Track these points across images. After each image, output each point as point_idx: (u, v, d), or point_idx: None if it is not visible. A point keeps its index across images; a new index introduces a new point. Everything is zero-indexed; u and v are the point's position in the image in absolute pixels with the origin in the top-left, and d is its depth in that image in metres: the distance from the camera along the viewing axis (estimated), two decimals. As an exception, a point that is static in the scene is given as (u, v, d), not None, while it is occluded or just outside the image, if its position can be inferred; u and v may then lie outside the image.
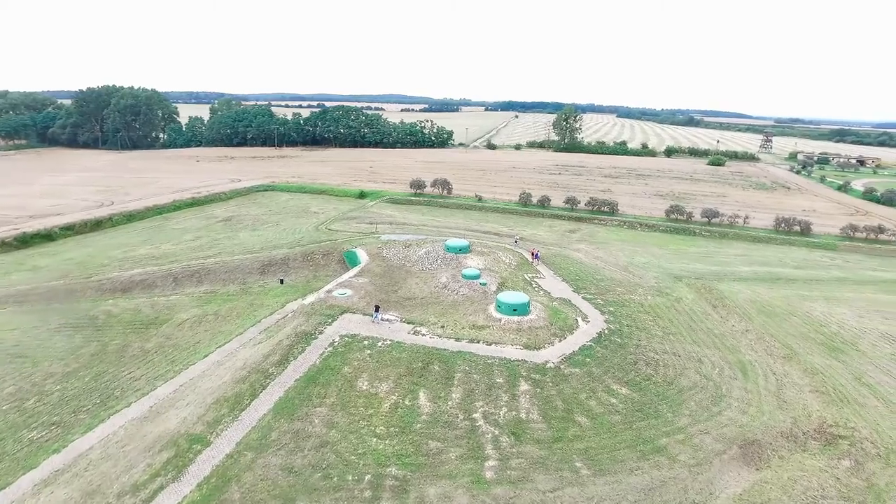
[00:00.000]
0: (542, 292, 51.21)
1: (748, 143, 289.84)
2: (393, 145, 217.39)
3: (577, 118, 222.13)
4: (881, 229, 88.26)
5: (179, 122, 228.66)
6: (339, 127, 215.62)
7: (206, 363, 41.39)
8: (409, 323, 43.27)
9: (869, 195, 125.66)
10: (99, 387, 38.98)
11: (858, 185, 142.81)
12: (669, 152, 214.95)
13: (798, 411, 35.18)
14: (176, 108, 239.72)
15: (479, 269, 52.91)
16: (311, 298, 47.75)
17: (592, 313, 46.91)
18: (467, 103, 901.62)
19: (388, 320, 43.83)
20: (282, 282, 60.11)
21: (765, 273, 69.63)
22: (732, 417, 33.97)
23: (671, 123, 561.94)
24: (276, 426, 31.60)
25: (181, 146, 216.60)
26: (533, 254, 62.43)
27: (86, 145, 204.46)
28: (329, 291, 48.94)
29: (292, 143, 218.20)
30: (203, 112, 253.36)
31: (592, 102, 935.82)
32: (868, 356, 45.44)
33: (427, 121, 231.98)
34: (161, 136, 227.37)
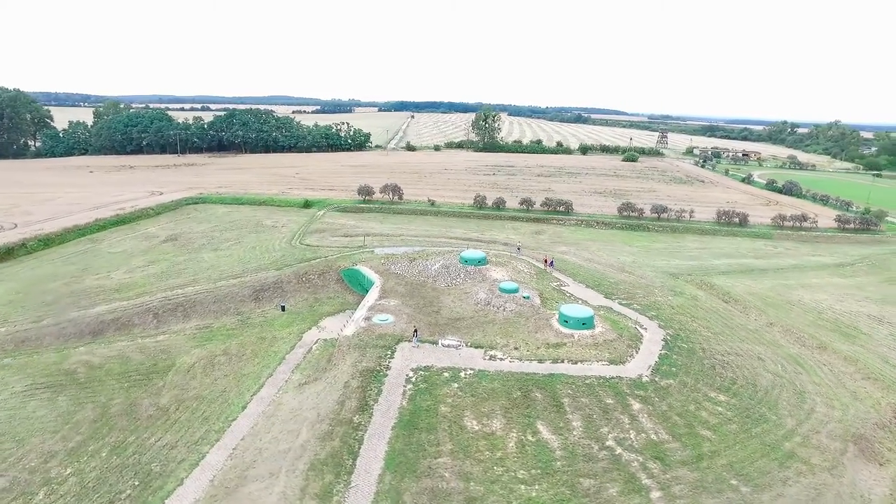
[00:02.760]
0: (580, 302, 50.35)
1: (640, 139, 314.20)
2: (308, 149, 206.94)
3: (496, 118, 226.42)
4: (804, 217, 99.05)
5: (55, 128, 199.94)
6: (249, 131, 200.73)
7: (250, 417, 35.40)
8: (477, 347, 40.18)
9: (771, 186, 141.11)
10: (127, 463, 31.71)
11: (756, 176, 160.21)
12: (584, 150, 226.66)
13: (870, 400, 37.43)
14: (49, 111, 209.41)
15: (515, 282, 50.81)
16: (349, 330, 42.72)
17: (642, 320, 46.92)
18: (358, 104, 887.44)
19: (451, 346, 40.38)
20: (283, 309, 53.72)
21: (737, 265, 74.83)
22: (826, 413, 35.28)
23: (560, 121, 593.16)
24: (403, 488, 27.35)
25: (62, 154, 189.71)
26: (547, 261, 61.53)
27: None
28: (368, 319, 44.19)
29: (196, 150, 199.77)
30: (80, 115, 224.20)
31: (481, 101, 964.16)
32: (875, 339, 50.03)
33: (343, 123, 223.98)
34: (32, 143, 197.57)
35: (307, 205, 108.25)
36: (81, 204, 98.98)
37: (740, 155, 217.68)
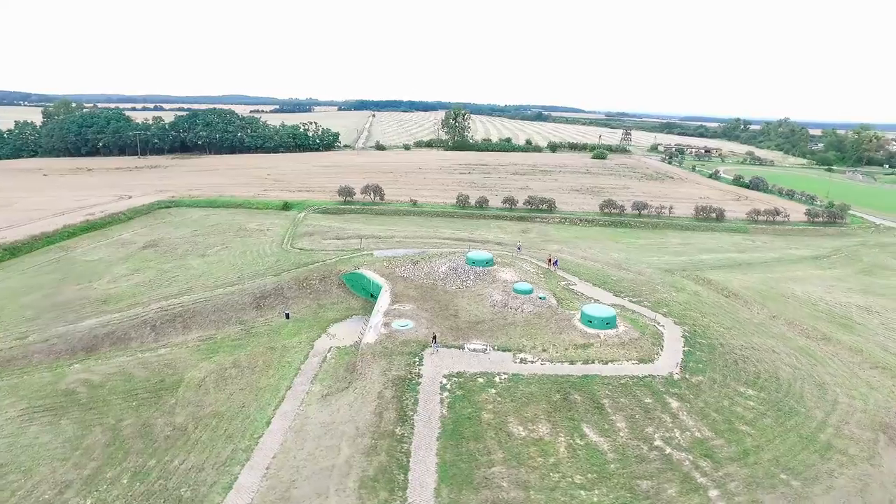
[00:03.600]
0: (592, 301, 50.47)
1: (604, 136, 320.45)
2: (275, 149, 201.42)
3: (465, 117, 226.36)
4: (777, 212, 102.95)
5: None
6: (213, 132, 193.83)
7: (277, 433, 33.80)
8: (504, 350, 39.58)
9: (738, 182, 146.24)
10: (153, 490, 29.68)
11: (722, 172, 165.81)
12: (554, 148, 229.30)
13: (885, 389, 38.88)
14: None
15: (529, 283, 50.46)
16: (370, 337, 41.36)
17: (657, 317, 47.29)
18: (316, 103, 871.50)
19: (477, 350, 39.66)
20: (287, 316, 51.75)
21: (724, 260, 77.00)
22: (850, 404, 36.38)
23: (522, 119, 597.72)
24: (463, 501, 26.50)
25: (7, 157, 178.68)
26: (550, 261, 61.50)
27: None
28: (387, 325, 42.89)
29: (157, 151, 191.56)
30: (24, 115, 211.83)
31: (440, 99, 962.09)
32: (869, 329, 52.22)
33: (310, 122, 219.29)
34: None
35: (286, 207, 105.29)
36: (43, 210, 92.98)
37: (703, 151, 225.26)
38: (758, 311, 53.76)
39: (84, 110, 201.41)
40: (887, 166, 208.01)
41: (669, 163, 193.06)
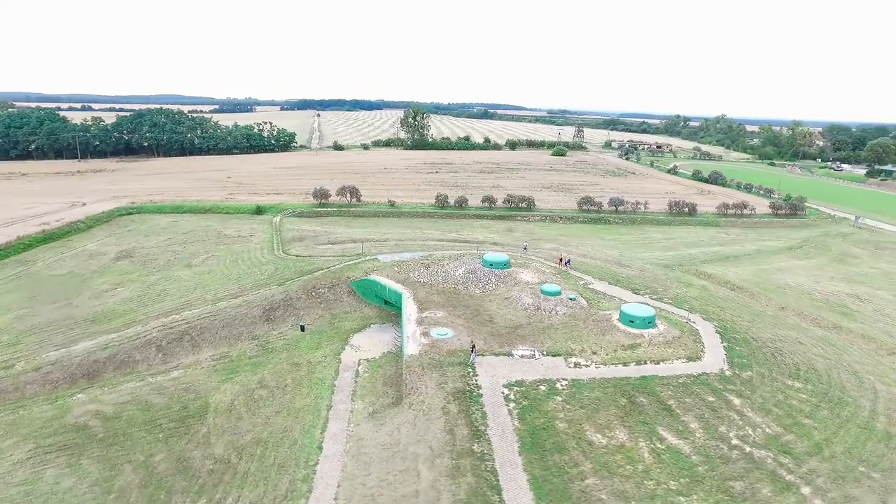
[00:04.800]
0: (616, 299, 50.44)
1: (551, 133, 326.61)
2: (229, 151, 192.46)
3: (425, 116, 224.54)
4: (744, 205, 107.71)
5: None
6: (161, 133, 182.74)
7: (333, 458, 31.38)
8: (554, 355, 38.63)
9: (697, 177, 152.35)
10: (210, 533, 26.73)
11: (680, 167, 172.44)
12: (513, 145, 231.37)
13: (910, 373, 40.76)
14: None
15: (556, 285, 49.75)
16: (412, 348, 39.33)
17: (683, 313, 47.68)
18: (257, 103, 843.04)
19: (526, 356, 38.53)
20: (302, 328, 48.74)
21: (711, 253, 79.48)
22: (887, 390, 37.85)
23: (467, 117, 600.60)
24: (567, 518, 25.32)
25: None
26: (562, 260, 61.13)
27: None
28: (426, 334, 40.98)
29: (99, 154, 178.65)
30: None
31: (383, 98, 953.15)
32: (867, 315, 55.02)
33: (265, 122, 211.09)
34: None
35: (259, 211, 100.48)
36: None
37: (655, 147, 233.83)
38: (766, 304, 55.54)
39: (10, 110, 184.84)
40: (820, 160, 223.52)
41: (627, 159, 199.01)
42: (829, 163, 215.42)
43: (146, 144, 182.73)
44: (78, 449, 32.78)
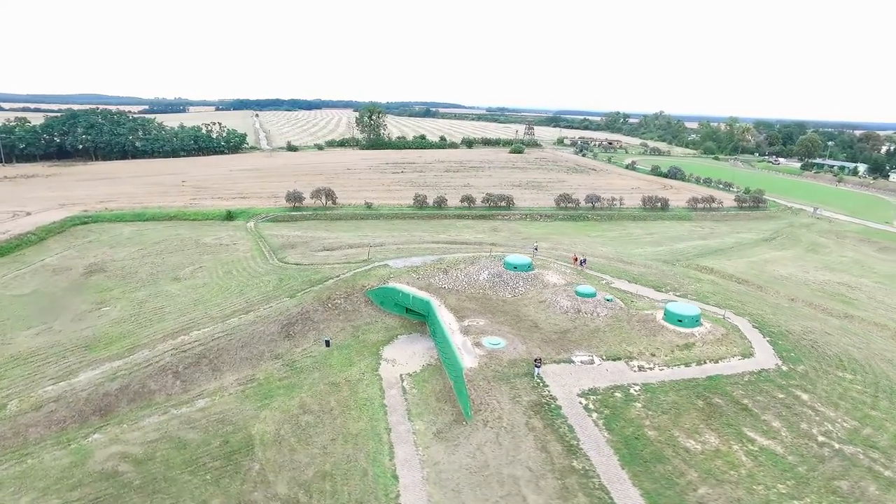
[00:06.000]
0: (645, 298, 50.26)
1: (498, 131, 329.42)
2: (175, 153, 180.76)
3: (381, 115, 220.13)
4: (712, 199, 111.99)
5: None
6: (100, 135, 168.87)
7: (414, 488, 28.94)
8: (614, 359, 37.61)
9: (657, 172, 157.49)
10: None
11: (638, 163, 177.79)
12: (469, 143, 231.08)
13: (933, 358, 42.77)
14: None
15: (591, 286, 48.85)
16: (470, 361, 37.10)
17: (719, 311, 47.86)
18: (189, 103, 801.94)
19: (585, 362, 37.32)
20: (328, 344, 45.37)
21: (700, 247, 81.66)
22: (924, 375, 39.42)
23: (409, 115, 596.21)
24: (698, 533, 24.20)
25: None
26: (577, 260, 60.48)
27: None
28: (478, 345, 38.87)
29: (28, 158, 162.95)
30: None
31: (320, 98, 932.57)
32: (864, 303, 57.91)
33: (213, 123, 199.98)
34: None
35: (230, 216, 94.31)
36: (-82, 235, 74.04)
37: (606, 143, 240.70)
38: (776, 296, 57.25)
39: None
40: (757, 154, 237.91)
41: (584, 155, 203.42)
42: (766, 157, 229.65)
43: (81, 147, 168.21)
44: (115, 501, 28.46)
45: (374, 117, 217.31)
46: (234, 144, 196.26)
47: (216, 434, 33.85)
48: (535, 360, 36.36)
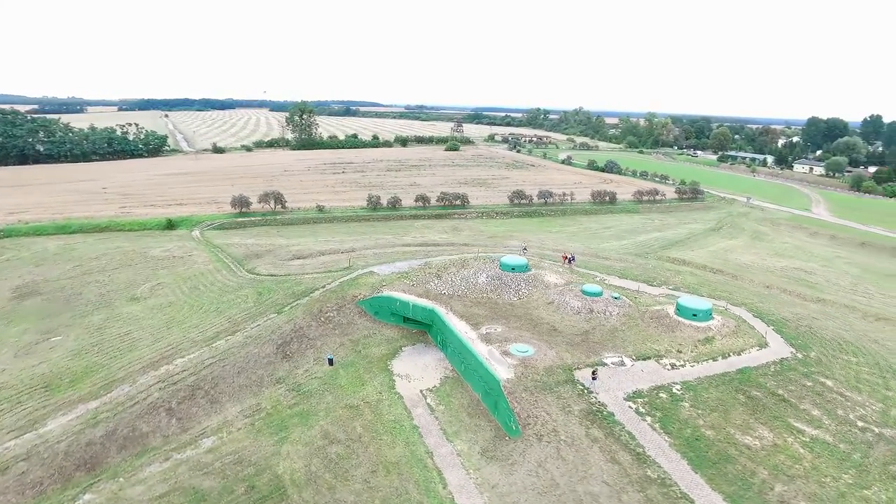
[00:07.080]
0: (645, 294, 50.60)
1: (423, 128, 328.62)
2: (86, 157, 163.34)
3: (312, 114, 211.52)
4: (656, 192, 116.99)
5: None
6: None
7: (477, 514, 26.78)
8: (643, 359, 37.13)
9: (593, 166, 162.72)
10: None
11: (573, 158, 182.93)
12: (404, 142, 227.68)
13: (915, 337, 46.08)
14: None
15: (597, 285, 48.31)
16: (504, 372, 35.07)
17: (718, 303, 48.93)
18: (86, 102, 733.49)
19: (615, 363, 36.61)
20: (331, 362, 41.69)
21: (660, 239, 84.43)
22: (915, 354, 42.28)
23: (329, 114, 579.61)
24: (792, 535, 23.88)
25: None
26: (566, 258, 60.01)
27: None
28: (507, 354, 36.95)
29: None
30: None
31: (232, 97, 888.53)
32: (825, 286, 62.04)
33: (129, 124, 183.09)
34: None
35: (171, 225, 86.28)
36: None
37: (537, 139, 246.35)
38: (750, 283, 59.94)
39: None
40: (676, 148, 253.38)
41: (518, 151, 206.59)
42: (685, 150, 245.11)
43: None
44: (134, 573, 23.86)
45: (304, 117, 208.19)
46: (153, 147, 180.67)
47: (237, 479, 29.63)
48: (593, 372, 34.73)
